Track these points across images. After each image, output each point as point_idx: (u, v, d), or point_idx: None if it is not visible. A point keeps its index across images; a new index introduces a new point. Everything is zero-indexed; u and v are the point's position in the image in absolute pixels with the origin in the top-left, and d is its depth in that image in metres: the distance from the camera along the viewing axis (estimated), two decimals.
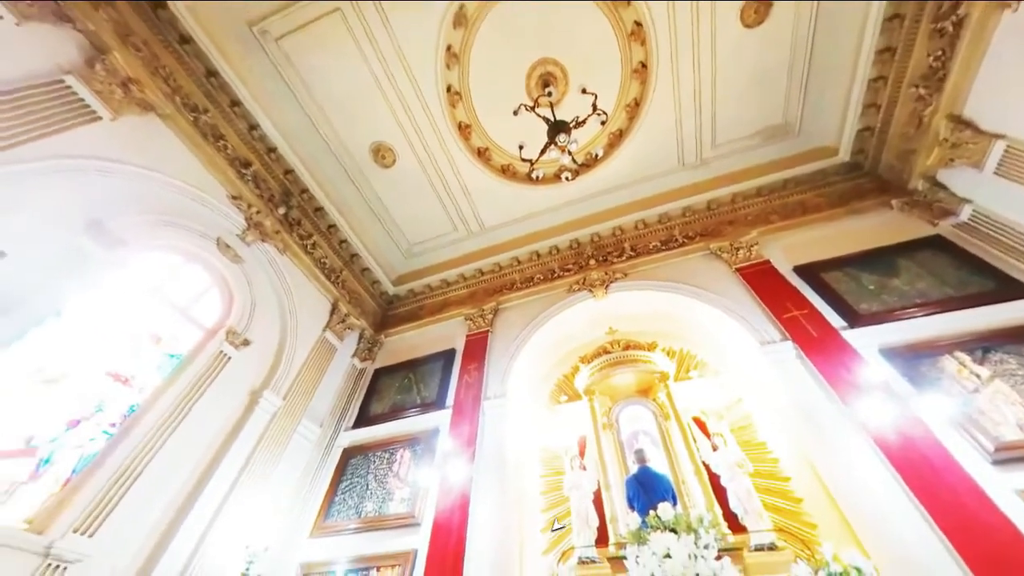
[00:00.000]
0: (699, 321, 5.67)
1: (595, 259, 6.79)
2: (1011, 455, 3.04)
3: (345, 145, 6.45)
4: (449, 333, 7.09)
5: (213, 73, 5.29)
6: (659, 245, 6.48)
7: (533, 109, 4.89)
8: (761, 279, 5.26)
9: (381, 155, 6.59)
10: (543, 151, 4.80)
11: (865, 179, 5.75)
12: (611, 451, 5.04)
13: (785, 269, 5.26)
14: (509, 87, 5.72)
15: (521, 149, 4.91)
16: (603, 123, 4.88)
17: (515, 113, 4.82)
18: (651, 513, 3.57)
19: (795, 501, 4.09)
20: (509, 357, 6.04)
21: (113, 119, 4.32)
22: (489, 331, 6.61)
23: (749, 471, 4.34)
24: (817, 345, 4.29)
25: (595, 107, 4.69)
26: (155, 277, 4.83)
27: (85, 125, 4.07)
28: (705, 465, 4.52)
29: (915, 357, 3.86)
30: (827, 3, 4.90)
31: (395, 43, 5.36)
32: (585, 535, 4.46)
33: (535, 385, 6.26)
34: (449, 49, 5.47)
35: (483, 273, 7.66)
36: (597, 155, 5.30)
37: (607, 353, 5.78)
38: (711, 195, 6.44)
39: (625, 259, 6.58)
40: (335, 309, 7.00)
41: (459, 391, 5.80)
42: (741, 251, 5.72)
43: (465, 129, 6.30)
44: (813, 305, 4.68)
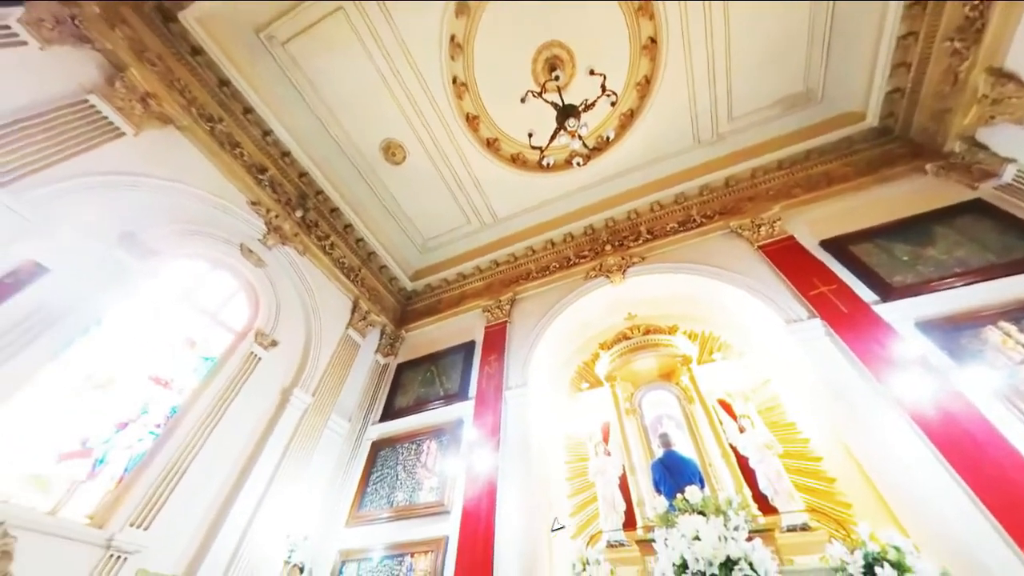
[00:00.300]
0: (721, 302, 5.54)
1: (611, 244, 6.69)
2: None
3: (356, 144, 6.52)
4: (468, 325, 7.16)
5: (225, 82, 5.41)
6: (676, 226, 6.33)
7: (540, 95, 4.81)
8: (785, 256, 5.09)
9: (391, 152, 6.63)
10: (553, 137, 4.72)
11: (895, 144, 5.43)
12: (635, 436, 5.02)
13: (811, 244, 5.07)
14: (515, 74, 5.63)
15: (530, 137, 4.85)
16: (613, 104, 4.77)
17: (522, 100, 4.75)
18: (678, 496, 3.57)
19: (828, 481, 4.01)
20: (528, 347, 6.06)
21: (136, 134, 4.49)
22: (507, 322, 6.64)
23: (778, 452, 4.26)
24: (847, 321, 4.13)
25: (604, 88, 4.58)
26: (185, 284, 5.04)
27: (110, 142, 4.25)
28: (732, 447, 4.46)
29: (955, 329, 3.68)
30: None
31: (399, 38, 5.34)
32: (612, 519, 4.49)
33: (556, 373, 6.28)
34: (453, 39, 5.42)
35: (498, 264, 7.67)
36: (608, 138, 5.18)
37: (627, 339, 5.72)
38: (729, 171, 6.22)
39: (642, 243, 6.46)
40: (356, 307, 7.16)
41: (481, 382, 5.88)
42: (763, 228, 5.53)
43: (473, 120, 6.26)
44: (842, 280, 4.50)
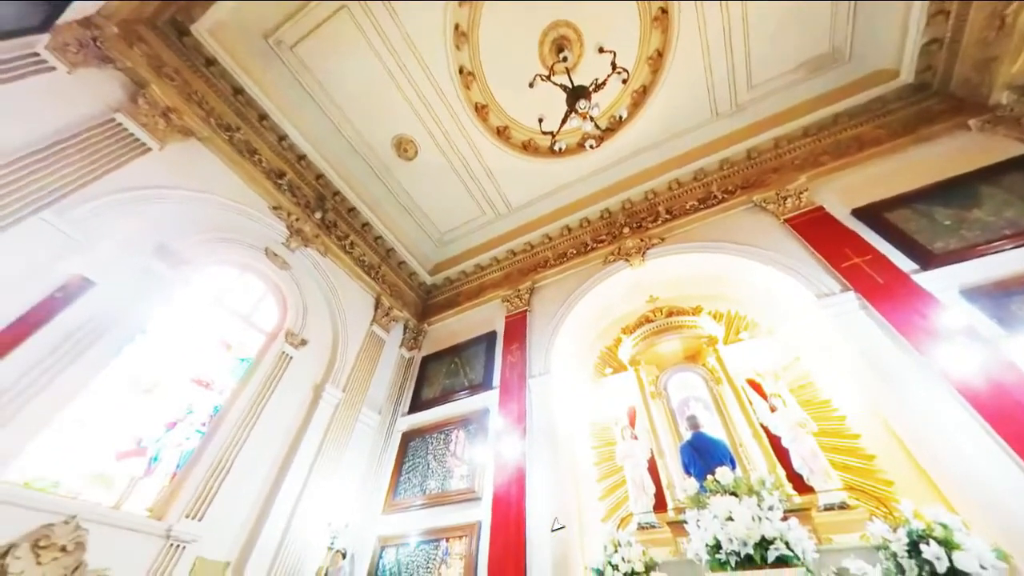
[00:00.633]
0: (747, 280, 5.37)
1: (629, 227, 6.56)
2: None
3: (368, 143, 6.58)
4: (488, 316, 7.21)
5: (239, 91, 5.54)
6: (696, 204, 6.13)
7: (549, 78, 4.71)
8: (814, 228, 4.86)
9: (403, 148, 6.66)
10: (564, 121, 4.63)
11: (934, 100, 5.06)
12: (662, 419, 4.98)
13: (842, 214, 4.82)
14: (522, 59, 5.52)
15: (541, 122, 4.77)
16: (624, 82, 4.62)
17: (531, 85, 4.67)
18: (709, 478, 3.54)
19: (867, 458, 3.87)
20: (549, 334, 6.07)
21: (161, 148, 4.67)
22: (527, 311, 6.65)
23: (813, 431, 4.14)
24: (884, 293, 3.94)
25: (614, 66, 4.44)
26: (217, 290, 5.26)
27: (138, 158, 4.44)
28: (764, 427, 4.36)
29: (1005, 295, 3.45)
30: None
31: (403, 32, 5.32)
32: (642, 502, 4.50)
33: (578, 359, 6.27)
34: (457, 29, 5.35)
35: (515, 254, 7.65)
36: (621, 117, 5.03)
37: (650, 322, 5.64)
38: (750, 143, 5.96)
39: (660, 223, 6.30)
40: (378, 303, 7.32)
41: (504, 371, 5.94)
42: (789, 200, 5.29)
43: (482, 110, 6.20)
44: (877, 250, 4.28)
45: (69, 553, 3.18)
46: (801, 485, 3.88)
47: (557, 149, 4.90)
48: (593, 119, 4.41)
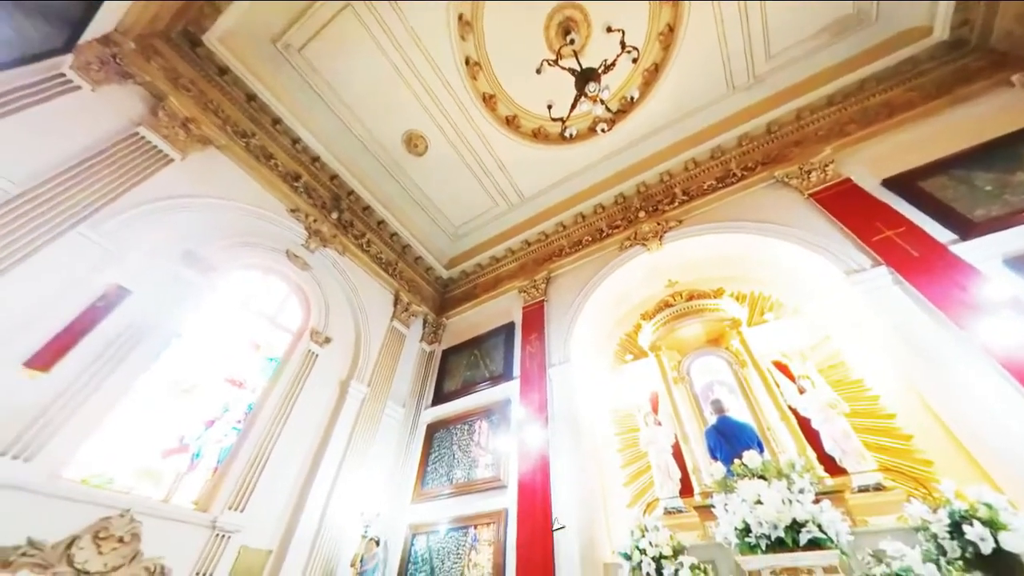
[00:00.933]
0: (770, 259, 5.20)
1: (644, 211, 6.42)
2: None
3: (379, 141, 6.63)
4: (506, 307, 7.24)
5: (252, 97, 5.65)
6: (715, 183, 5.95)
7: (557, 62, 4.61)
8: (842, 201, 4.65)
9: (413, 144, 6.68)
10: (573, 105, 4.53)
11: (972, 57, 4.71)
12: (685, 404, 4.93)
13: (871, 185, 4.59)
14: (528, 44, 5.42)
15: (550, 109, 4.69)
16: (635, 61, 4.48)
17: (538, 71, 4.58)
18: (736, 462, 3.49)
19: (904, 438, 3.74)
20: (567, 323, 6.05)
21: (182, 158, 4.83)
22: (544, 300, 6.64)
23: (844, 411, 4.02)
24: (919, 266, 3.75)
25: (623, 45, 4.30)
26: (243, 293, 5.45)
27: (162, 169, 4.60)
28: (792, 409, 4.26)
29: None
30: None
31: (407, 25, 5.29)
32: (668, 487, 4.49)
33: (598, 347, 6.24)
34: (461, 19, 5.28)
35: (530, 244, 7.62)
36: (633, 98, 4.89)
37: (669, 306, 5.54)
38: (770, 116, 5.71)
39: (677, 205, 6.15)
40: (397, 299, 7.45)
41: (524, 361, 5.97)
42: (814, 173, 5.07)
43: (490, 100, 6.14)
44: (911, 221, 4.06)
45: (126, 543, 3.42)
46: (833, 467, 3.79)
47: (568, 135, 4.81)
48: (603, 102, 4.31)
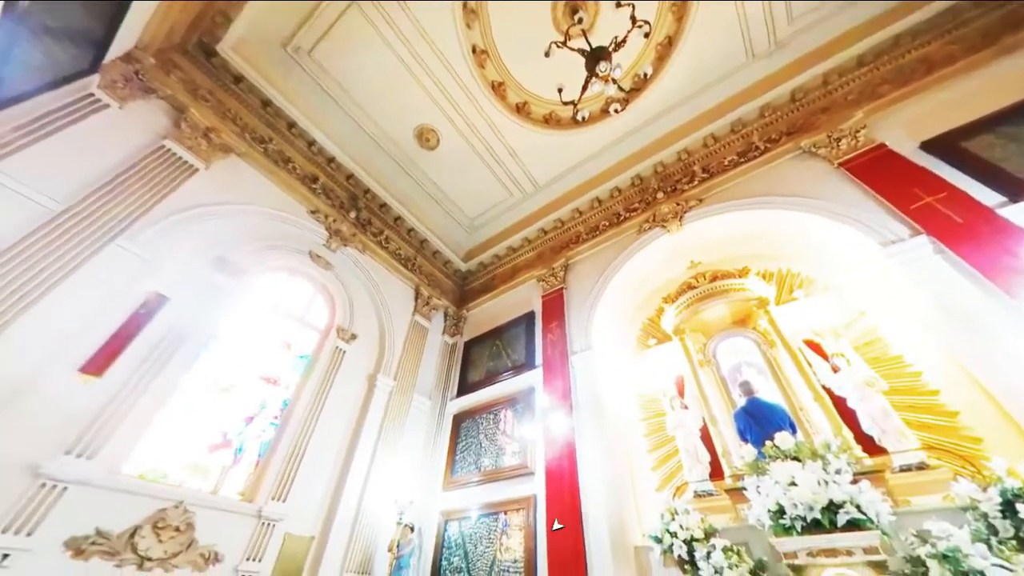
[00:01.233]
0: (798, 235, 4.98)
1: (662, 191, 6.25)
2: None
3: (391, 137, 6.67)
4: (525, 297, 7.24)
5: (267, 103, 5.78)
6: (736, 159, 5.71)
7: (565, 44, 4.49)
8: (876, 168, 4.39)
9: (425, 138, 6.69)
10: (585, 87, 4.42)
11: (1022, 1, 4.30)
12: (712, 387, 4.84)
13: (908, 149, 4.30)
14: (535, 27, 5.30)
15: (561, 92, 4.59)
16: (647, 35, 4.31)
17: (547, 55, 4.48)
18: (767, 444, 3.42)
19: (949, 415, 3.56)
20: (588, 310, 6.01)
21: (206, 167, 5.01)
22: (563, 288, 6.61)
23: (883, 389, 3.85)
24: (964, 233, 3.51)
25: (634, 19, 4.15)
26: (272, 294, 5.66)
27: (189, 179, 4.79)
28: (826, 389, 4.11)
29: None
30: None
31: (412, 18, 5.26)
32: (697, 471, 4.45)
33: (620, 333, 6.17)
34: (466, 6, 5.21)
35: (546, 232, 7.57)
36: (646, 75, 4.72)
37: (692, 288, 5.41)
38: (795, 83, 5.40)
39: (697, 184, 5.95)
40: (418, 294, 7.57)
41: (546, 350, 5.99)
42: (844, 140, 4.79)
43: (499, 88, 6.06)
44: (953, 185, 3.80)
45: (182, 532, 3.68)
46: (872, 447, 3.66)
47: (580, 118, 4.71)
48: (615, 81, 4.18)
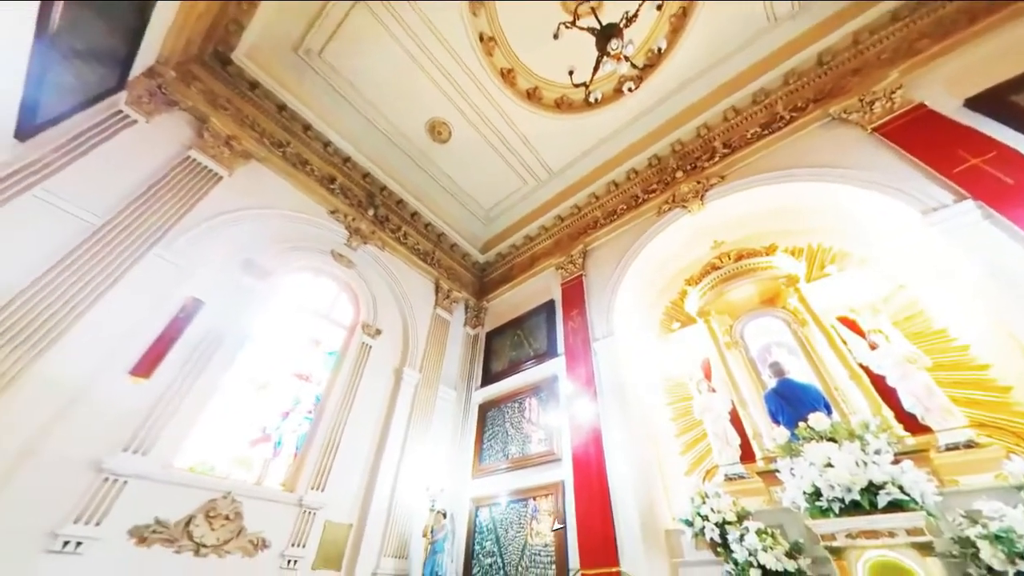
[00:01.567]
0: (829, 207, 4.74)
1: (682, 170, 6.06)
2: None
3: (403, 133, 6.71)
4: (544, 286, 7.22)
5: (282, 107, 5.90)
6: (759, 131, 5.46)
7: (574, 24, 4.37)
8: (914, 131, 4.10)
9: (437, 131, 6.69)
10: (596, 67, 4.30)
11: None
12: (741, 369, 4.72)
13: (950, 107, 4.00)
14: (543, 9, 5.16)
15: (572, 75, 4.48)
16: (659, 7, 4.14)
17: (556, 37, 4.37)
18: (800, 425, 3.33)
19: (1000, 390, 3.36)
20: (608, 296, 5.94)
21: (230, 175, 5.18)
22: (582, 275, 6.55)
23: (926, 365, 3.67)
24: (1016, 194, 3.26)
25: None
26: (299, 294, 5.85)
27: (215, 187, 4.97)
28: (863, 367, 3.95)
29: None
30: None
31: (418, 10, 5.23)
32: (727, 454, 4.38)
33: (643, 317, 6.08)
34: None
35: (563, 219, 7.49)
36: (660, 49, 4.54)
37: (716, 269, 5.25)
38: (822, 45, 5.08)
39: (718, 160, 5.73)
40: (438, 287, 7.66)
41: (567, 337, 5.98)
42: (878, 103, 4.50)
43: (508, 75, 5.97)
44: (1002, 144, 3.51)
45: (232, 520, 3.92)
46: (915, 426, 3.50)
47: (592, 100, 4.59)
48: (628, 58, 4.05)
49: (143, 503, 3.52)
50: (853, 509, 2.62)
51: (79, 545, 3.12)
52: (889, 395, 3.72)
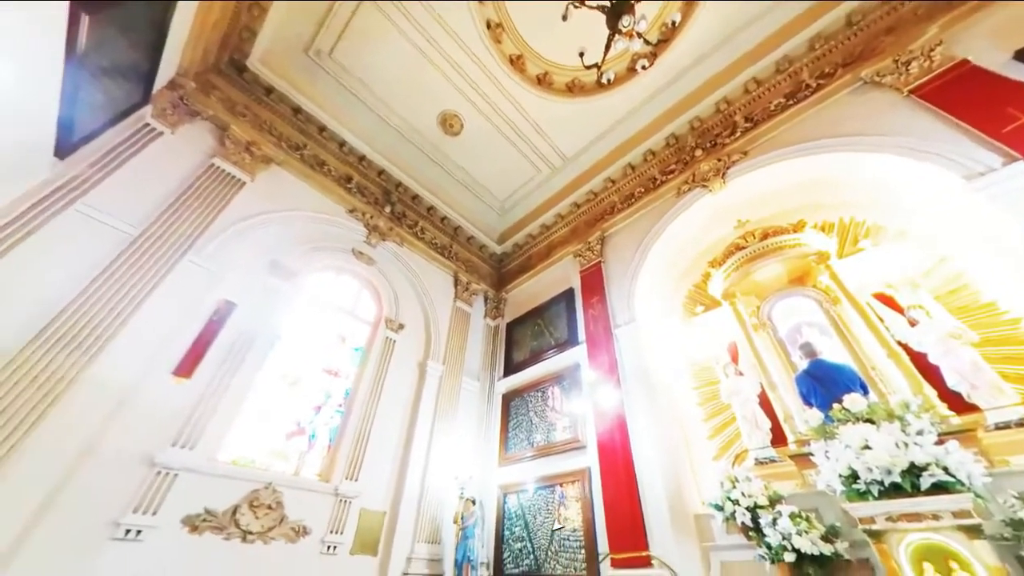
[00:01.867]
0: (861, 178, 4.49)
1: (701, 148, 5.85)
2: None
3: (416, 128, 6.72)
4: (562, 274, 7.18)
5: (297, 110, 6.01)
6: (784, 101, 5.19)
7: (583, 2, 4.23)
8: (956, 90, 3.81)
9: (448, 124, 6.67)
10: (608, 46, 4.17)
11: None
12: (769, 351, 4.59)
13: (998, 62, 3.69)
14: None
15: (582, 56, 4.35)
16: None
17: (564, 18, 4.25)
18: (835, 406, 3.22)
19: None
20: (628, 282, 5.85)
21: (252, 180, 5.34)
22: (601, 261, 6.46)
23: (972, 341, 3.46)
24: None
25: None
26: (323, 292, 6.02)
27: (238, 193, 5.13)
28: (902, 345, 3.76)
29: None
30: None
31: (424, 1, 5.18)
32: (757, 437, 4.29)
33: (665, 302, 5.97)
34: None
35: (579, 206, 7.38)
36: (674, 23, 4.34)
37: (741, 249, 5.06)
38: (851, 4, 4.75)
39: (740, 135, 5.50)
40: (457, 280, 7.73)
41: (588, 325, 5.94)
42: (915, 63, 4.19)
43: (517, 61, 5.87)
44: None
45: (274, 509, 4.13)
46: (961, 404, 3.33)
47: (605, 81, 4.46)
48: (641, 35, 3.90)
49: (193, 494, 3.75)
50: (894, 492, 2.53)
51: (139, 533, 3.37)
52: (931, 373, 3.54)
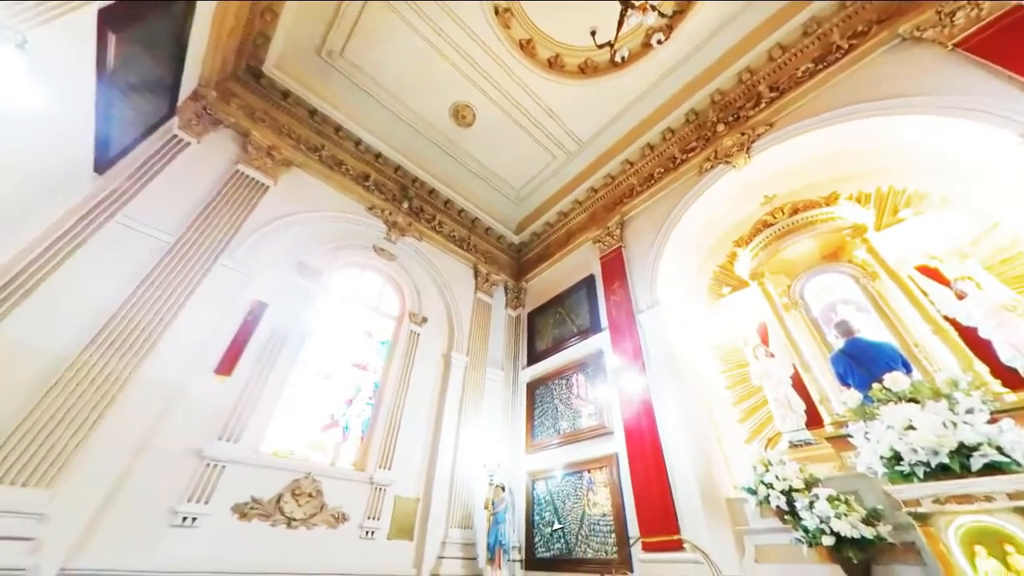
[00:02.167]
0: (901, 144, 4.20)
1: (723, 123, 5.60)
2: None
3: (428, 121, 6.73)
4: (582, 261, 7.10)
5: (313, 112, 6.12)
6: (812, 67, 4.89)
7: None
8: (1009, 39, 3.48)
9: (461, 115, 6.65)
10: (620, 22, 4.03)
11: None
12: (802, 331, 4.41)
13: None
14: None
15: (594, 35, 4.23)
16: None
17: None
18: (875, 386, 3.08)
19: None
20: (650, 266, 5.73)
21: (275, 183, 5.51)
22: (621, 246, 6.35)
23: None
24: None
25: None
26: (348, 290, 6.19)
27: (263, 197, 5.31)
28: (949, 319, 3.54)
29: None
30: None
31: None
32: (791, 420, 4.17)
33: (689, 285, 5.82)
34: None
35: (596, 191, 7.25)
36: None
37: (769, 226, 4.83)
38: None
39: (765, 106, 5.23)
40: (476, 272, 7.78)
41: (610, 312, 5.88)
42: (960, 13, 3.85)
43: (527, 46, 5.75)
44: None
45: (314, 497, 4.35)
46: (1016, 380, 3.12)
47: (619, 59, 4.32)
48: (655, 7, 3.75)
49: (240, 484, 3.99)
50: (941, 473, 2.41)
51: (195, 520, 3.63)
52: (982, 348, 3.32)
